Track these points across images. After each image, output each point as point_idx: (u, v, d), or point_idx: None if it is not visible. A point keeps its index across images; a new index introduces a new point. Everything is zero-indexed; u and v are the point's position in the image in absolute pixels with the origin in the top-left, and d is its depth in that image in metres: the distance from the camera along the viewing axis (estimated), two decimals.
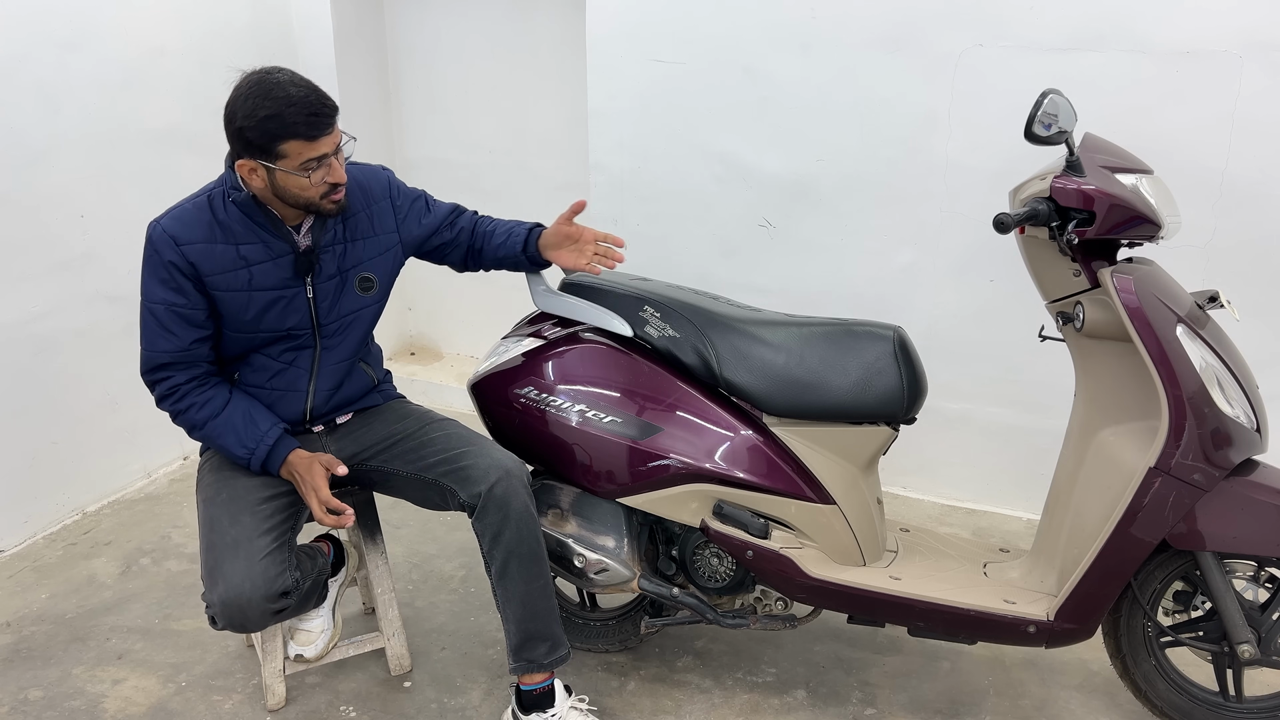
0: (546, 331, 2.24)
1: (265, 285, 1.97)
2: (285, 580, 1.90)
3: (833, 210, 3.08)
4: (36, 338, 2.91)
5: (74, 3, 2.90)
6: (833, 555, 2.13)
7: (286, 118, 1.79)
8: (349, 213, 2.06)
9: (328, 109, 1.84)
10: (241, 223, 1.94)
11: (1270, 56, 2.53)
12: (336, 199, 1.92)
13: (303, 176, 1.85)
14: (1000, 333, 2.97)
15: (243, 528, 1.92)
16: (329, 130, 1.84)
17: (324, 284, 2.04)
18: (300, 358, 2.07)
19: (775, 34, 2.99)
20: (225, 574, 1.87)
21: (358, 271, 2.08)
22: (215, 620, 1.91)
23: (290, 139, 1.81)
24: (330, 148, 1.86)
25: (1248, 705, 2.02)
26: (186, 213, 1.95)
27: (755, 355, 2.10)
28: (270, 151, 1.83)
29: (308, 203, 1.90)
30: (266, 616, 1.90)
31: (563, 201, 3.90)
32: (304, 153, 1.83)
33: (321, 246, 2.02)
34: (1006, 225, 1.86)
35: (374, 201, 2.12)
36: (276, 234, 1.97)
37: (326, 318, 2.06)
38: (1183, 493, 1.86)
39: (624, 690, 2.29)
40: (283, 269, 1.98)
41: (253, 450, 1.99)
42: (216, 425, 1.99)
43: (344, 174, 1.90)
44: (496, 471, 1.99)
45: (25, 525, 2.93)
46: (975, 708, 2.24)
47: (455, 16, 3.86)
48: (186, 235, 1.92)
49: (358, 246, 2.08)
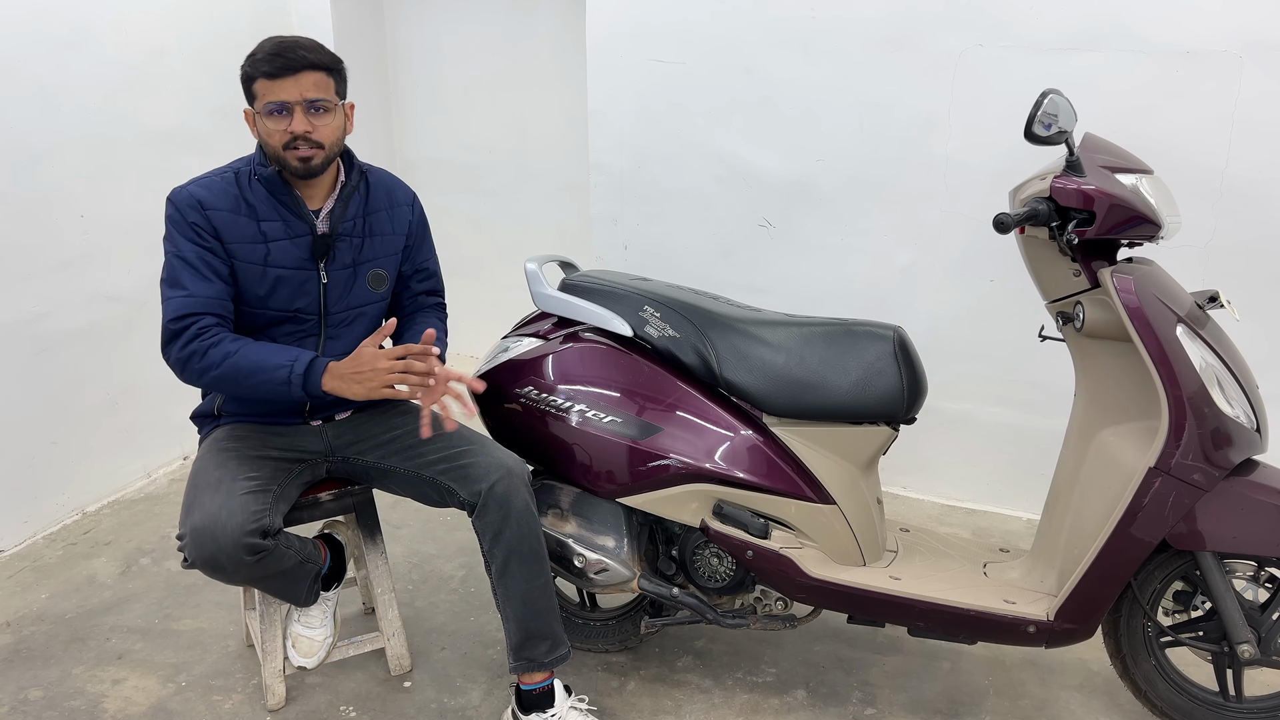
0: (546, 331, 2.24)
1: (281, 263, 1.99)
2: (265, 520, 1.84)
3: (833, 210, 3.08)
4: (36, 338, 2.91)
5: (74, 3, 2.90)
6: (833, 555, 2.13)
7: (256, 55, 1.89)
8: (371, 209, 2.09)
9: (297, 56, 1.87)
10: (265, 199, 1.98)
11: (1270, 56, 2.53)
12: (301, 155, 1.92)
13: (266, 120, 1.90)
14: (1000, 333, 2.97)
15: (228, 470, 1.92)
16: (291, 74, 1.87)
17: (337, 272, 2.06)
18: (304, 345, 2.07)
19: (775, 34, 2.99)
20: (202, 504, 1.84)
21: (371, 267, 2.11)
22: (186, 554, 1.83)
23: (258, 77, 1.89)
24: (293, 95, 1.88)
25: (1248, 705, 2.02)
26: (213, 182, 1.98)
27: (755, 355, 2.10)
28: (249, 93, 1.92)
29: (275, 153, 1.94)
30: (240, 552, 1.80)
31: (563, 201, 3.93)
32: (266, 93, 1.89)
33: (339, 234, 2.04)
34: (1006, 225, 1.86)
35: (396, 205, 2.16)
36: (297, 213, 2.00)
37: (335, 306, 2.08)
38: (1183, 493, 1.86)
39: (624, 690, 2.29)
40: (300, 249, 2.01)
41: (292, 361, 1.89)
42: (251, 350, 1.90)
43: (308, 127, 1.90)
44: (498, 470, 1.99)
45: (25, 525, 2.93)
46: (975, 708, 2.24)
47: (455, 16, 3.86)
48: (212, 201, 1.95)
49: (375, 242, 2.11)
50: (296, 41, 1.90)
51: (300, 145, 1.92)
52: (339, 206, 2.04)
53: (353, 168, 2.08)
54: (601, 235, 3.40)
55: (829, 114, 3.00)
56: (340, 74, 1.99)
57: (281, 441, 2.08)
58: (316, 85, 1.91)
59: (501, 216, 4.04)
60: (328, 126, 1.95)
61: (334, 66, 1.96)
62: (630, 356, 2.15)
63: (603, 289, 2.20)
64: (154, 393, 3.30)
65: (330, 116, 1.95)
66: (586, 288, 2.22)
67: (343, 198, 2.05)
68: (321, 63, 1.91)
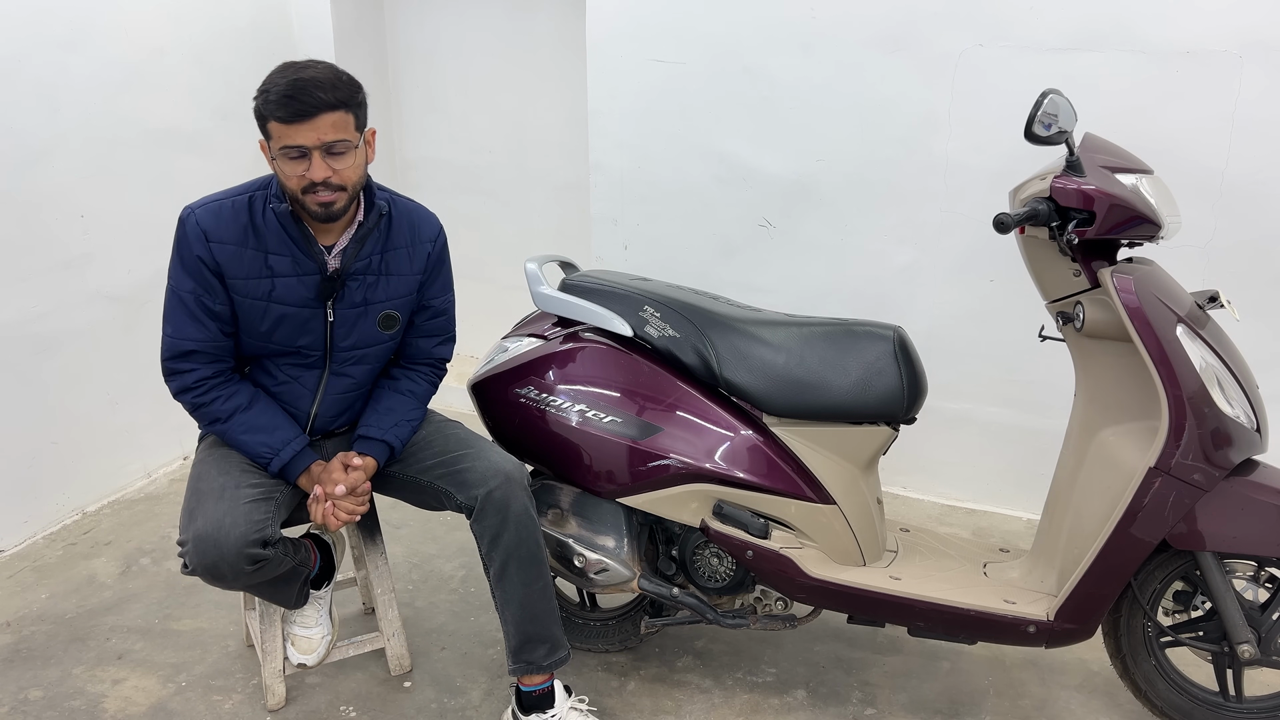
0: (546, 331, 2.24)
1: (285, 300, 1.93)
2: (267, 530, 1.84)
3: (833, 210, 3.08)
4: (36, 338, 2.91)
5: (74, 3, 2.90)
6: (833, 555, 2.13)
7: (270, 95, 1.77)
8: (390, 246, 2.01)
9: (313, 100, 1.75)
10: (276, 232, 1.90)
11: (1270, 56, 2.53)
12: (321, 200, 1.83)
13: (283, 163, 1.81)
14: (1000, 333, 2.97)
15: (230, 477, 1.91)
16: (307, 120, 1.76)
17: (345, 310, 1.99)
18: (306, 377, 2.04)
19: (775, 34, 2.99)
20: (205, 511, 1.83)
21: (383, 308, 2.03)
22: (187, 560, 1.82)
23: (270, 119, 1.78)
24: (311, 140, 1.77)
25: (1248, 705, 2.02)
26: (224, 209, 1.90)
27: (755, 355, 2.10)
28: (264, 130, 1.82)
29: (293, 195, 1.85)
30: (241, 561, 1.79)
31: (563, 201, 3.93)
32: (282, 137, 1.78)
33: (351, 273, 1.97)
34: (1006, 225, 1.86)
35: (418, 242, 2.06)
36: (307, 252, 1.92)
37: (342, 344, 2.03)
38: (1183, 493, 1.86)
39: (624, 690, 2.29)
40: (307, 287, 1.94)
41: (277, 451, 1.96)
42: (243, 419, 1.95)
43: (328, 172, 1.81)
44: (496, 475, 1.98)
45: (25, 525, 2.93)
46: (975, 708, 2.24)
47: (455, 16, 3.86)
48: (218, 233, 1.89)
49: (390, 282, 2.02)
50: (312, 80, 1.76)
51: (320, 191, 1.82)
52: (353, 246, 1.95)
53: (373, 207, 1.98)
54: (601, 235, 3.40)
55: (829, 114, 3.00)
56: (359, 105, 1.86)
57: None
58: (335, 126, 1.79)
59: (501, 216, 4.04)
60: (349, 168, 1.84)
61: (351, 101, 1.82)
62: (630, 356, 2.15)
63: (603, 289, 2.20)
64: (154, 393, 3.29)
65: (350, 157, 1.84)
66: (586, 288, 2.22)
67: (357, 239, 1.96)
68: (339, 101, 1.79)
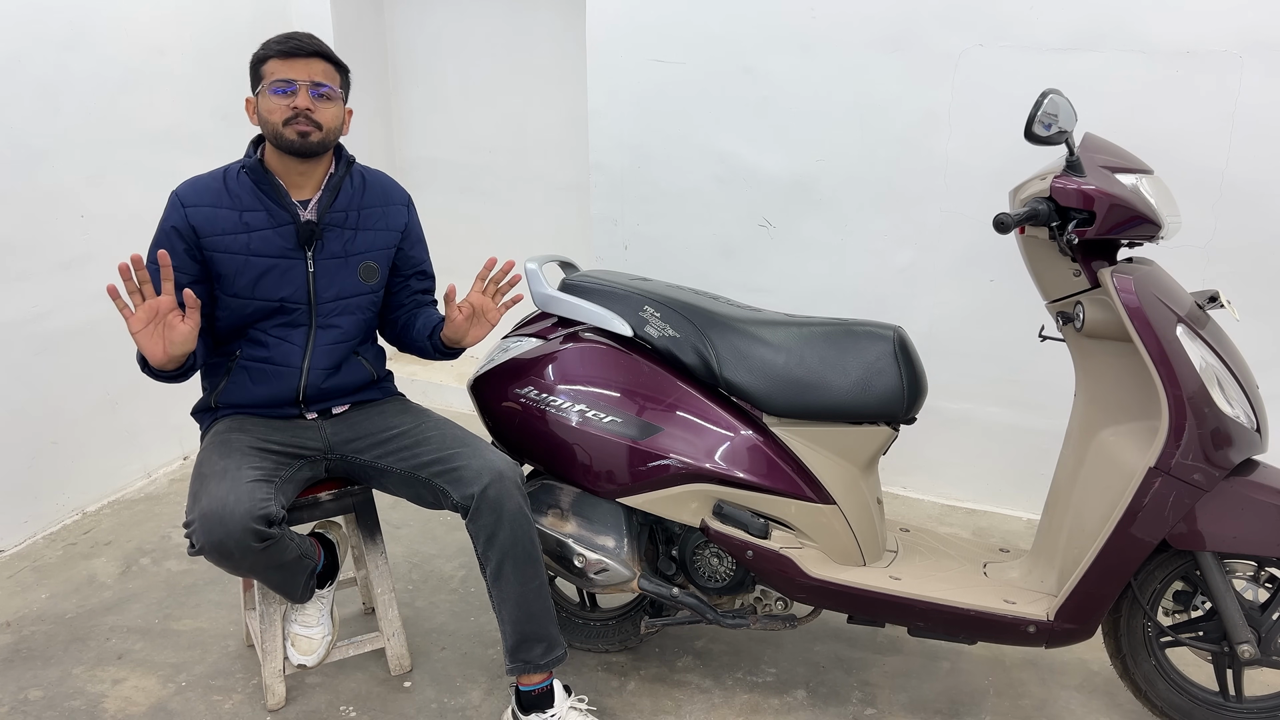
0: (546, 331, 2.24)
1: (263, 252, 2.05)
2: (271, 507, 1.87)
3: (833, 210, 3.08)
4: (36, 338, 2.91)
5: (74, 3, 2.90)
6: (833, 555, 2.13)
7: (271, 41, 2.02)
8: (365, 204, 2.16)
9: (311, 44, 2.00)
10: (249, 190, 2.06)
11: (1270, 56, 2.53)
12: (300, 129, 1.99)
13: (270, 98, 1.99)
14: (1000, 333, 2.97)
15: (232, 460, 1.94)
16: (303, 56, 1.99)
17: (326, 260, 2.10)
18: (294, 334, 2.11)
19: (775, 34, 2.99)
20: (210, 491, 1.86)
21: (363, 259, 2.15)
22: (194, 540, 1.85)
23: (269, 58, 2.00)
24: (301, 75, 1.99)
25: (1248, 705, 2.02)
26: (201, 179, 2.08)
27: (755, 355, 2.10)
28: (257, 75, 2.02)
29: (274, 130, 2.00)
30: (247, 537, 1.82)
31: (563, 201, 3.93)
32: (275, 71, 1.99)
33: (327, 223, 2.10)
34: (1006, 225, 1.86)
35: (392, 203, 2.22)
36: (280, 203, 2.06)
37: (325, 295, 2.11)
38: (1183, 493, 1.86)
39: (624, 690, 2.29)
40: (284, 238, 2.06)
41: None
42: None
43: (310, 105, 1.99)
44: (489, 474, 1.99)
45: (25, 525, 2.93)
46: (975, 708, 2.24)
47: (455, 16, 3.86)
48: (194, 198, 2.05)
49: (367, 235, 2.16)
50: (308, 35, 2.03)
51: (300, 120, 1.99)
52: (327, 196, 2.10)
53: (341, 160, 2.15)
54: (601, 235, 3.40)
55: (829, 114, 3.00)
56: (347, 77, 2.10)
57: (281, 435, 2.09)
58: (325, 73, 2.02)
59: (501, 216, 4.04)
60: (329, 111, 2.03)
61: (342, 66, 2.08)
62: (630, 356, 2.15)
63: (603, 289, 2.20)
64: (154, 393, 3.30)
65: (332, 104, 2.04)
66: (586, 288, 2.22)
67: (330, 188, 2.10)
68: (332, 57, 2.04)
